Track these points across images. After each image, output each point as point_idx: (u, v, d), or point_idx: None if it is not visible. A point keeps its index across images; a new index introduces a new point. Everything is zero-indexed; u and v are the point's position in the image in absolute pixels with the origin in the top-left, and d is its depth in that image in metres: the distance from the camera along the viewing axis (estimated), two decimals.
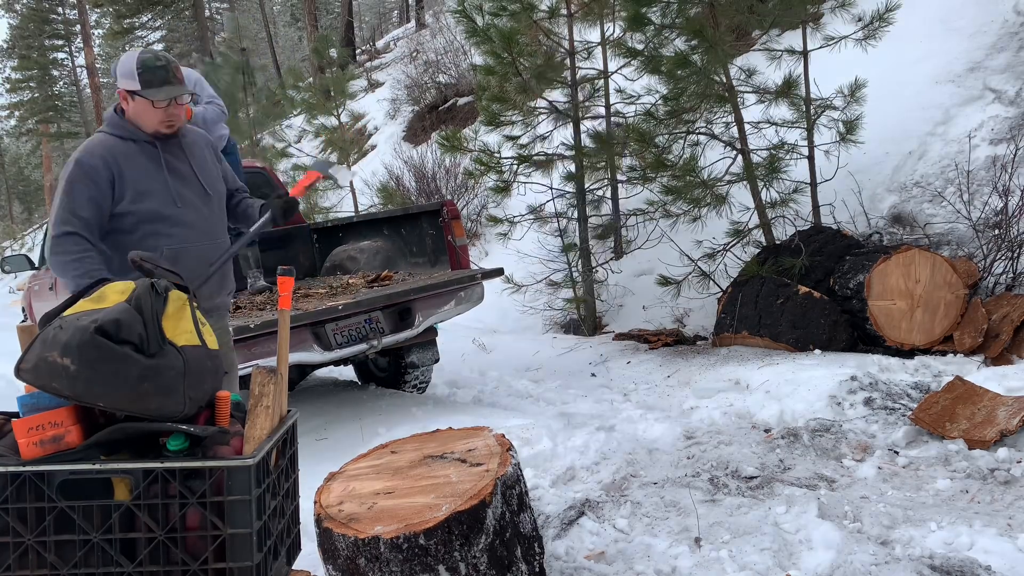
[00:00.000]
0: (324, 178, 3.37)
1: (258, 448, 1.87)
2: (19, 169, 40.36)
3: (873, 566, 2.46)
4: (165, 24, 28.47)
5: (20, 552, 1.79)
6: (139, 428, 1.84)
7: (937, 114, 6.44)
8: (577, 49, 7.10)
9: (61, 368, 1.75)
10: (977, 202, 5.55)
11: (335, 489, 2.51)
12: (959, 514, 2.79)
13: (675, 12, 5.89)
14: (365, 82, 18.13)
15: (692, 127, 6.07)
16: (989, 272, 5.18)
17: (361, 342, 4.50)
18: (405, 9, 29.96)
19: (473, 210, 10.28)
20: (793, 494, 3.02)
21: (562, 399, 5.00)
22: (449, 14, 13.48)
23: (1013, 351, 4.51)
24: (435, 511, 2.21)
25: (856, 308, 5.05)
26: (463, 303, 4.87)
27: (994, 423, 3.38)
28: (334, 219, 8.46)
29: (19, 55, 33.63)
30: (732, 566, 2.55)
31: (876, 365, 4.44)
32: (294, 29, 34.30)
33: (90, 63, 27.92)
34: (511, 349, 6.61)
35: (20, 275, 10.96)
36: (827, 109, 5.72)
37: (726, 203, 5.82)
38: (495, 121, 7.03)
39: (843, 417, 3.85)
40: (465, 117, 13.12)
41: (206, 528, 1.80)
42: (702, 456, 3.57)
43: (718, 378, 4.78)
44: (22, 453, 1.79)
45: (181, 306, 1.98)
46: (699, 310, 6.38)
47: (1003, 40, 6.71)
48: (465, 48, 13.92)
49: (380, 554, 2.16)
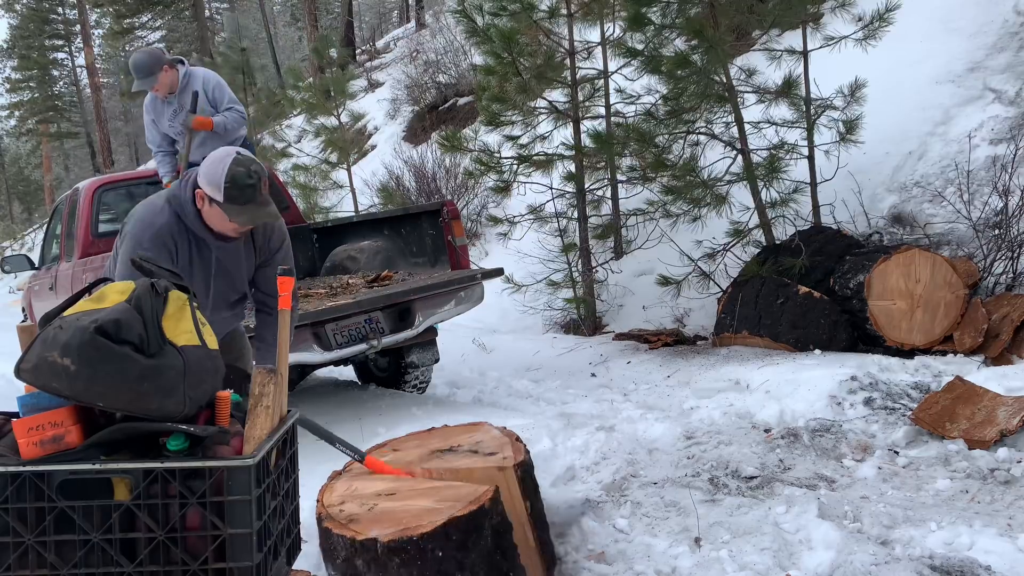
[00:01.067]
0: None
1: (258, 448, 1.87)
2: (19, 169, 40.35)
3: (873, 566, 2.45)
4: (165, 24, 28.50)
5: (20, 552, 1.78)
6: (139, 428, 1.84)
7: (937, 114, 6.43)
8: (577, 49, 7.10)
9: (61, 368, 1.75)
10: (977, 202, 5.55)
11: (338, 488, 2.51)
12: (959, 514, 2.79)
13: (675, 12, 5.89)
14: (365, 82, 18.13)
15: (692, 127, 6.07)
16: (989, 272, 5.18)
17: (361, 342, 4.50)
18: (405, 9, 29.96)
19: (473, 210, 10.27)
20: (793, 494, 3.02)
21: (562, 399, 5.00)
22: (449, 14, 13.48)
23: (1013, 351, 4.51)
24: (434, 515, 2.21)
25: (856, 308, 5.04)
26: (463, 303, 4.87)
27: (994, 423, 3.38)
28: (334, 219, 8.46)
29: (19, 55, 33.66)
30: (732, 566, 2.55)
31: (876, 365, 4.44)
32: (294, 29, 34.29)
33: (90, 63, 27.95)
34: (511, 349, 6.61)
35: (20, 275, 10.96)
36: (827, 109, 5.72)
37: (726, 203, 5.82)
38: (495, 121, 7.03)
39: (843, 417, 3.85)
40: (465, 117, 13.12)
41: (206, 528, 1.80)
42: (702, 456, 3.57)
43: (718, 378, 4.78)
44: (22, 453, 1.79)
45: (181, 306, 1.97)
46: (699, 310, 6.38)
47: (1003, 40, 6.71)
48: (465, 48, 13.92)
49: (378, 556, 2.16)
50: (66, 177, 36.44)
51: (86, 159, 35.45)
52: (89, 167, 33.54)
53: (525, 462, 2.52)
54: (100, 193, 5.54)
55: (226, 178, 2.44)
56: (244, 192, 2.46)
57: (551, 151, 7.06)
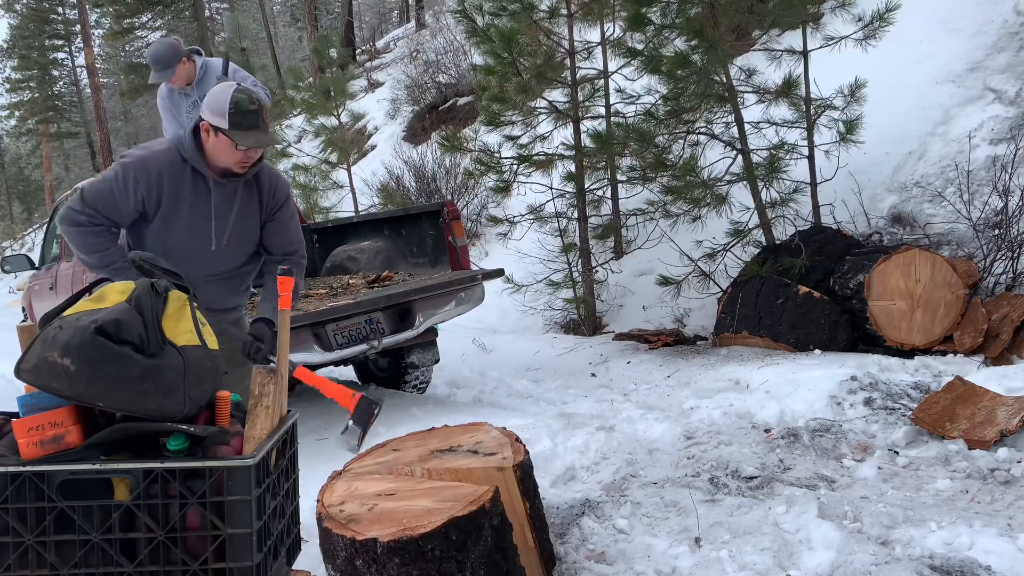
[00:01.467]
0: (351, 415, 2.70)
1: (258, 448, 1.87)
2: (19, 169, 40.33)
3: (873, 566, 2.45)
4: (165, 24, 28.47)
5: (20, 552, 1.78)
6: (139, 428, 1.84)
7: (937, 114, 6.44)
8: (577, 49, 7.10)
9: (61, 368, 1.75)
10: (977, 202, 5.55)
11: (338, 488, 2.51)
12: (959, 514, 2.79)
13: (675, 12, 5.89)
14: (365, 82, 18.13)
15: (692, 127, 6.08)
16: (989, 272, 5.18)
17: (361, 342, 4.50)
18: (405, 9, 29.96)
19: (473, 210, 10.27)
20: (793, 494, 3.02)
21: (562, 399, 5.00)
22: (449, 14, 13.48)
23: (1013, 351, 4.51)
24: (434, 515, 2.21)
25: (856, 308, 5.05)
26: (463, 303, 4.87)
27: (994, 423, 3.38)
28: (334, 219, 8.45)
29: (19, 55, 33.63)
30: (732, 566, 2.55)
31: (876, 365, 4.44)
32: (294, 29, 34.31)
33: (90, 63, 27.92)
34: (511, 349, 6.61)
35: (20, 275, 10.95)
36: (827, 109, 5.72)
37: (726, 203, 5.83)
38: (495, 121, 7.03)
39: (843, 417, 3.85)
40: (465, 117, 13.12)
41: (206, 528, 1.80)
42: (702, 456, 3.57)
43: (718, 378, 4.78)
44: (22, 453, 1.79)
45: (181, 306, 1.98)
46: (699, 310, 6.38)
47: (1003, 40, 6.71)
48: (465, 48, 13.92)
49: (377, 556, 2.16)
50: (66, 177, 36.44)
51: (86, 159, 35.46)
52: (89, 167, 33.55)
53: (524, 463, 2.52)
54: None
55: (230, 105, 2.56)
56: (248, 117, 2.58)
57: (551, 151, 7.07)
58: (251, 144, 2.62)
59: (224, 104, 2.57)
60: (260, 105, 2.62)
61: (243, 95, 2.59)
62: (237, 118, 2.57)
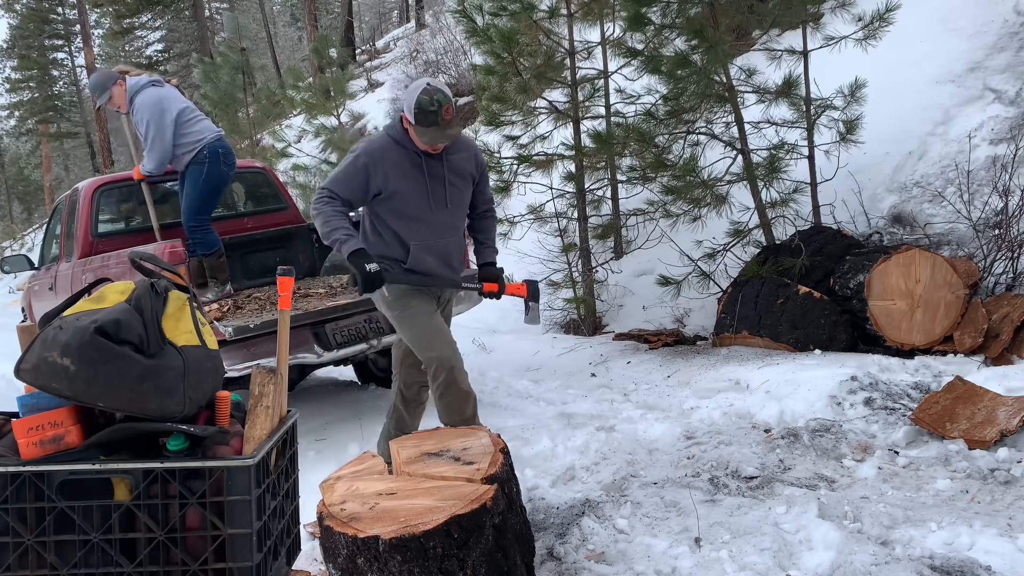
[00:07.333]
0: (527, 301, 3.59)
1: (258, 448, 1.87)
2: (19, 169, 40.33)
3: (873, 566, 2.45)
4: (165, 24, 28.50)
5: (20, 552, 1.78)
6: (139, 428, 1.84)
7: (937, 114, 6.43)
8: (577, 49, 7.09)
9: (61, 368, 1.75)
10: (977, 202, 5.55)
11: (339, 488, 2.51)
12: (959, 514, 2.79)
13: (675, 12, 5.88)
14: (365, 82, 18.12)
15: (692, 127, 6.07)
16: (989, 272, 5.18)
17: (361, 342, 4.50)
18: (405, 9, 29.96)
19: None
20: (793, 494, 3.02)
21: (562, 399, 5.00)
22: (449, 14, 13.48)
23: (1013, 351, 4.51)
24: (436, 513, 2.21)
25: (856, 308, 5.04)
26: (463, 303, 4.87)
27: (994, 423, 3.38)
28: None
29: (19, 55, 33.65)
30: (732, 566, 2.55)
31: (876, 365, 4.44)
32: (294, 29, 34.33)
33: (90, 63, 27.91)
34: (511, 349, 6.61)
35: (20, 275, 10.96)
36: (827, 109, 5.71)
37: (726, 203, 5.82)
38: (495, 121, 7.03)
39: (843, 417, 3.85)
40: (465, 117, 13.12)
41: (206, 528, 1.80)
42: (702, 456, 3.57)
43: (718, 378, 4.78)
44: (22, 453, 1.79)
45: (181, 306, 1.98)
46: (699, 310, 6.38)
47: (1003, 40, 6.71)
48: (465, 48, 13.92)
49: (379, 554, 2.16)
50: (66, 177, 36.43)
51: (86, 159, 35.46)
52: (89, 167, 33.55)
53: (496, 475, 2.45)
54: (100, 193, 5.54)
55: (415, 105, 3.08)
56: (427, 116, 3.07)
57: (551, 151, 7.06)
58: (427, 142, 3.13)
59: (411, 103, 3.09)
60: (439, 105, 3.06)
61: (426, 96, 3.06)
62: (419, 116, 3.08)
